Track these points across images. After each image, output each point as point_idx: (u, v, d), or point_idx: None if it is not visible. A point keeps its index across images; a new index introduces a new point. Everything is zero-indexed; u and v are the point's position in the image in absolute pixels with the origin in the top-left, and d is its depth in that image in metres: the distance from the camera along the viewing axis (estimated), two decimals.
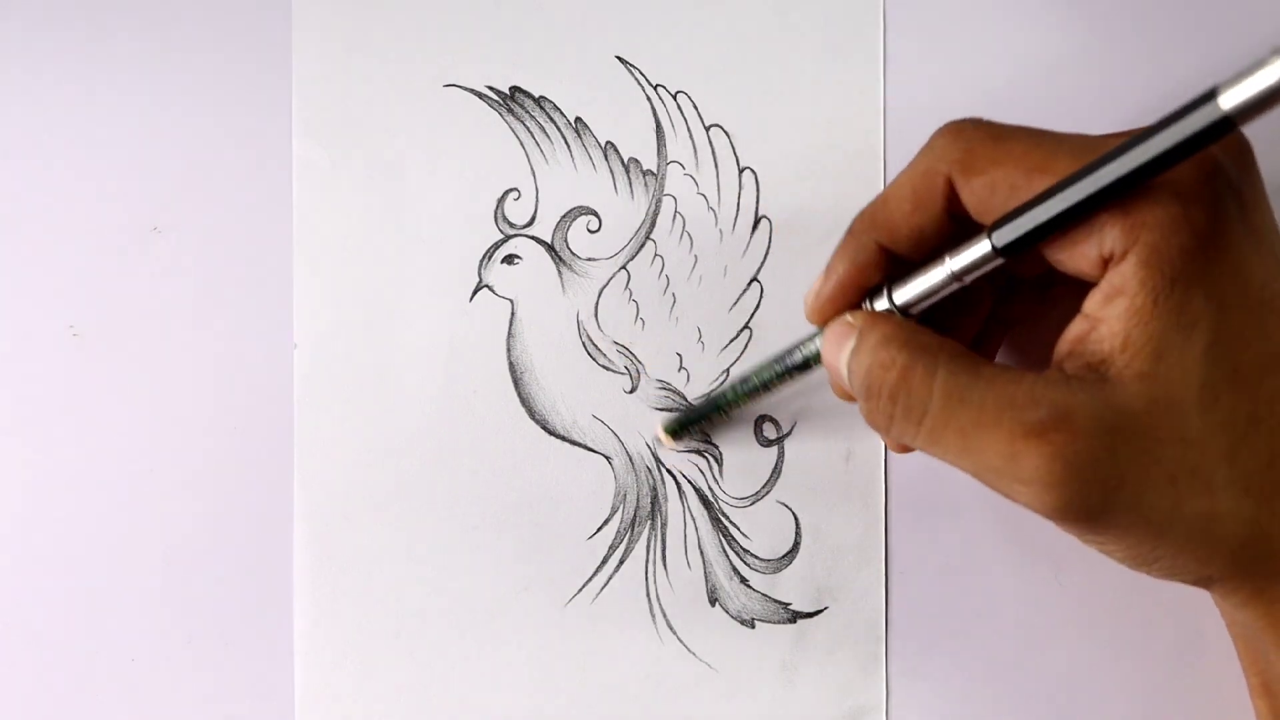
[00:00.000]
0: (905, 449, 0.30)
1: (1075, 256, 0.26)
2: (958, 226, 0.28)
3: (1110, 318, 0.25)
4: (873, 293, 0.29)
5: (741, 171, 0.36)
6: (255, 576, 0.36)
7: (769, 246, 0.36)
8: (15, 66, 0.36)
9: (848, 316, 0.29)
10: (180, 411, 0.36)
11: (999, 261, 0.26)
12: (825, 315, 0.30)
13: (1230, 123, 0.22)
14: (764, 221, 0.36)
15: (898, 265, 0.29)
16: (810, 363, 0.32)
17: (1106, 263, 0.25)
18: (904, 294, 0.28)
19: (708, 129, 0.36)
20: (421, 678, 0.36)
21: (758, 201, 0.36)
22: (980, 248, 0.26)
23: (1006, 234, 0.26)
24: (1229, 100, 0.21)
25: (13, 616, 0.36)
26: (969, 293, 0.31)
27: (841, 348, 0.28)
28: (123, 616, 0.36)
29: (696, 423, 0.35)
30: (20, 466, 0.36)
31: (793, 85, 0.36)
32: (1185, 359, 0.25)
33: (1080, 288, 0.27)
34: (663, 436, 0.36)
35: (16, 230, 0.36)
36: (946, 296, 0.28)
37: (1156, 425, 0.25)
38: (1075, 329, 0.26)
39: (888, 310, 0.29)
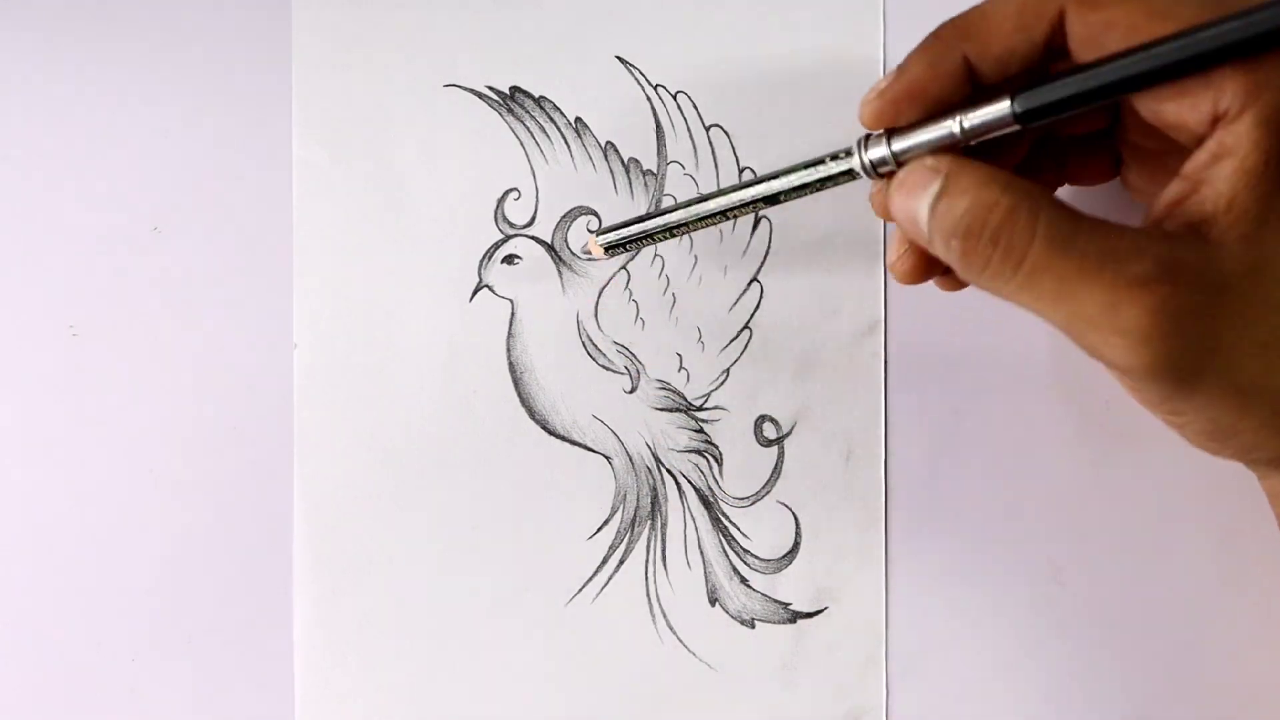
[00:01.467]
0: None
1: (1185, 108, 0.25)
2: (1039, 66, 0.27)
3: (1215, 179, 0.25)
4: (930, 118, 0.27)
5: (741, 171, 0.36)
6: (255, 576, 0.36)
7: (769, 246, 0.36)
8: (15, 66, 0.36)
9: (929, 161, 0.27)
10: (180, 411, 0.36)
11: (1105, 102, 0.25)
12: (884, 118, 0.28)
13: None
14: (764, 221, 0.36)
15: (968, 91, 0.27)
16: (832, 181, 0.29)
17: (1217, 121, 0.25)
18: (975, 117, 0.26)
19: (708, 129, 0.36)
20: (421, 677, 0.36)
21: None
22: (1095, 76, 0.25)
23: (1125, 68, 0.25)
24: None
25: (13, 616, 0.36)
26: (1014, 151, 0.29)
27: (923, 192, 0.26)
28: (123, 616, 0.36)
29: (639, 240, 0.33)
30: (20, 466, 0.36)
31: (793, 85, 0.36)
32: None
33: (1141, 159, 0.27)
34: (593, 245, 0.34)
35: (16, 230, 0.36)
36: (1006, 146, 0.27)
37: (1255, 290, 0.25)
38: (1173, 191, 0.26)
39: (947, 137, 0.27)
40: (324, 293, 0.36)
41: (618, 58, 0.36)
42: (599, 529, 0.36)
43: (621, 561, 0.36)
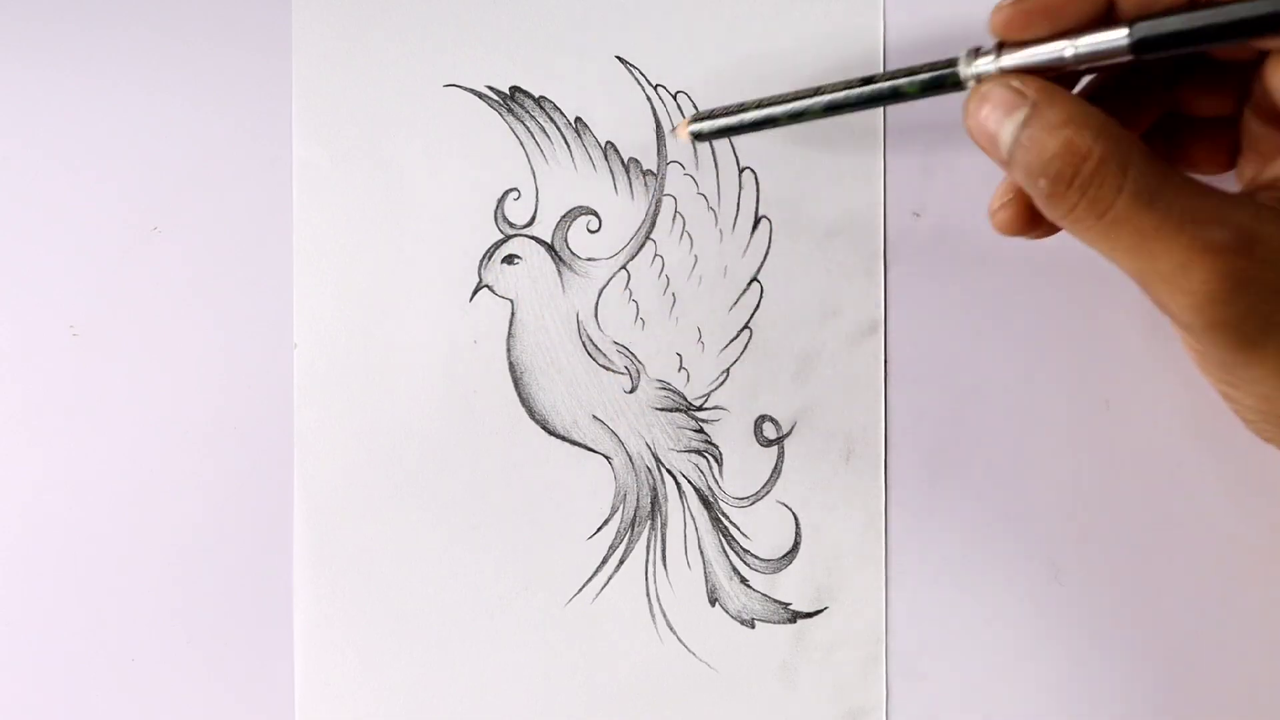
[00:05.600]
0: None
1: None
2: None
3: None
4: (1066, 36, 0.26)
5: (741, 171, 0.36)
6: (255, 576, 0.36)
7: (769, 246, 0.36)
8: (15, 66, 0.36)
9: (1014, 82, 0.26)
10: (180, 411, 0.36)
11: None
12: (1013, 27, 0.27)
13: None
14: (764, 221, 0.36)
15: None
16: (933, 87, 0.29)
17: None
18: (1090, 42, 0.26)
19: None
20: (422, 677, 0.36)
21: (758, 201, 0.36)
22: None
23: None
24: None
25: (13, 616, 0.36)
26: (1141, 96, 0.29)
27: (1008, 115, 0.26)
28: (123, 616, 0.36)
29: (739, 130, 0.32)
30: (20, 466, 0.36)
31: (793, 85, 0.36)
32: None
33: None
34: (682, 131, 0.33)
35: (16, 230, 0.36)
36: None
37: None
38: (1278, 169, 0.26)
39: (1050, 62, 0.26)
40: (324, 293, 0.36)
41: (618, 58, 0.36)
42: (599, 529, 0.36)
43: (621, 561, 0.36)
